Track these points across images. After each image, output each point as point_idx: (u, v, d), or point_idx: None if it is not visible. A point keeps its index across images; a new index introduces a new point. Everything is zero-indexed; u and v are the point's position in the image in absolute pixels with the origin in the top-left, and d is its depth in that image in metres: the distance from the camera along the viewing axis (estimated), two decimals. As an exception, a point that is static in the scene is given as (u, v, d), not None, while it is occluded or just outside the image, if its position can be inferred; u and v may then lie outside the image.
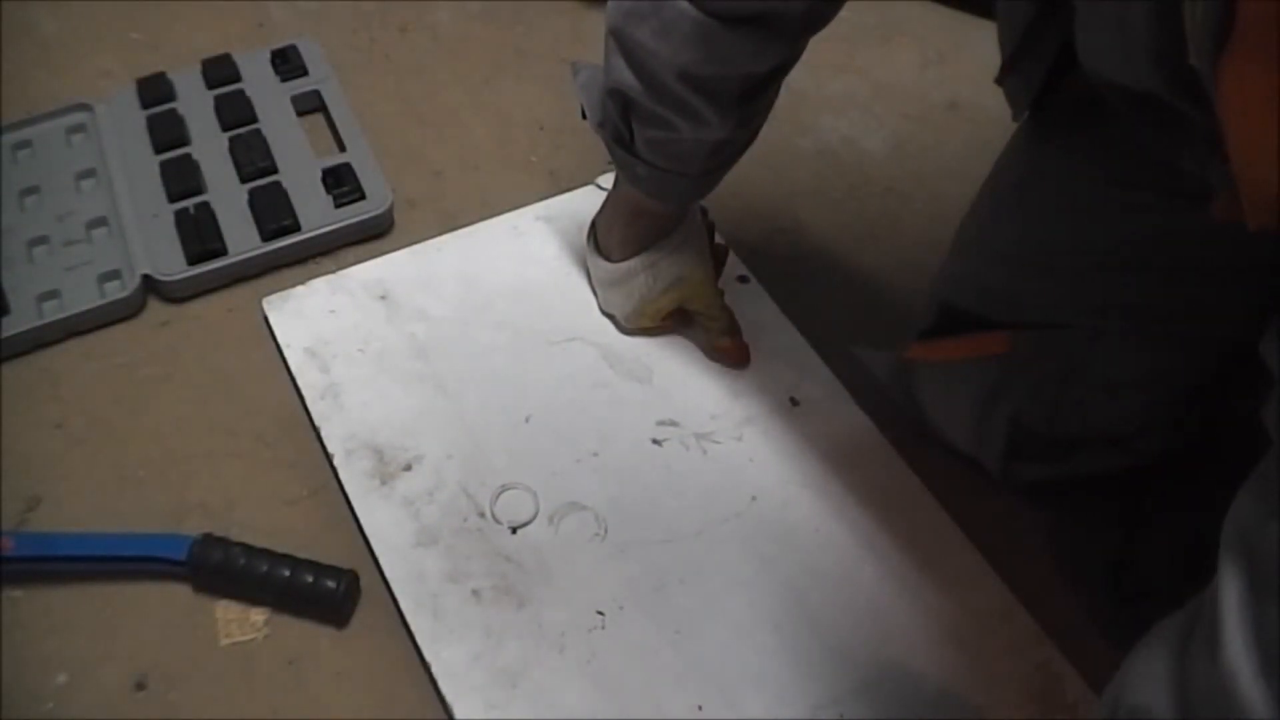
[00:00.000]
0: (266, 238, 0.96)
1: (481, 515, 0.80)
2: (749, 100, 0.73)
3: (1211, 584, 0.41)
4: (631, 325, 0.89)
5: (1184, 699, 0.42)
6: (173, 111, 1.06)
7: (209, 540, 0.77)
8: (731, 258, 0.92)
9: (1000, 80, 0.73)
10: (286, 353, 0.88)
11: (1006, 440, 0.77)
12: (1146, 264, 0.70)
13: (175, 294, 0.94)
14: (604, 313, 0.91)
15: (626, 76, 0.71)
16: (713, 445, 0.84)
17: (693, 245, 0.84)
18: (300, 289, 0.92)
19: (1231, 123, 0.41)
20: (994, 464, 0.79)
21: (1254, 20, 0.37)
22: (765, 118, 0.78)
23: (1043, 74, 0.68)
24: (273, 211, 0.97)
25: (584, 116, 0.79)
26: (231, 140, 1.03)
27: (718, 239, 0.90)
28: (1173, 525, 0.75)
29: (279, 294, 0.92)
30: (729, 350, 0.87)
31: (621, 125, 0.76)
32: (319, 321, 0.90)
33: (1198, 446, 0.75)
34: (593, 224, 0.90)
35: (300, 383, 0.87)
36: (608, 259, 0.87)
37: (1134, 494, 0.78)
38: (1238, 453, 0.45)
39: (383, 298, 0.92)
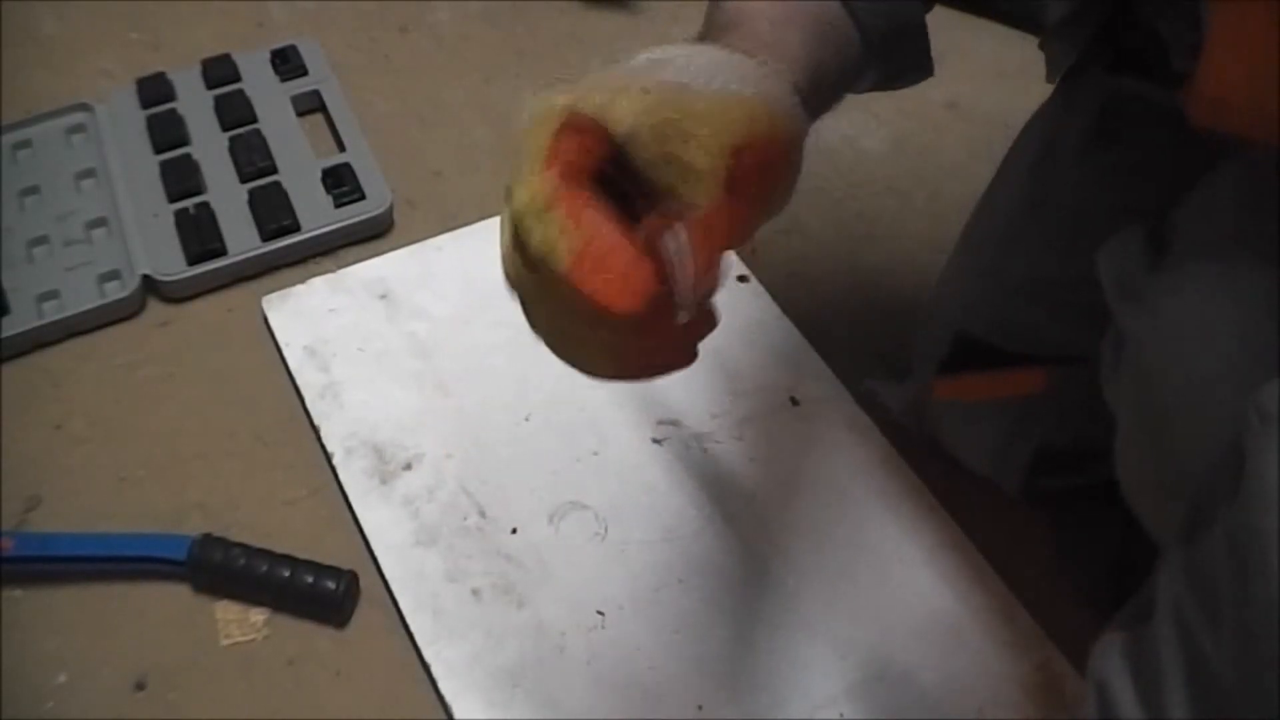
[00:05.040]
0: (266, 238, 0.96)
1: (481, 515, 0.80)
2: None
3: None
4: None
5: (1138, 665, 0.43)
6: (173, 111, 1.05)
7: (209, 540, 0.77)
8: (731, 257, 0.92)
9: (1044, 42, 0.71)
10: (286, 352, 0.88)
11: (1029, 466, 0.77)
12: None
13: (175, 294, 0.94)
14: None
15: None
16: (713, 445, 0.84)
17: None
18: (300, 288, 0.92)
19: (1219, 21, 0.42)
20: (1013, 487, 0.79)
21: None
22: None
23: (1088, 38, 0.67)
24: (273, 211, 0.97)
25: None
26: (231, 140, 1.03)
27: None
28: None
29: (279, 293, 0.92)
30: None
31: None
32: (319, 321, 0.90)
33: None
34: None
35: (300, 382, 0.87)
36: None
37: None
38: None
39: (383, 297, 0.92)
